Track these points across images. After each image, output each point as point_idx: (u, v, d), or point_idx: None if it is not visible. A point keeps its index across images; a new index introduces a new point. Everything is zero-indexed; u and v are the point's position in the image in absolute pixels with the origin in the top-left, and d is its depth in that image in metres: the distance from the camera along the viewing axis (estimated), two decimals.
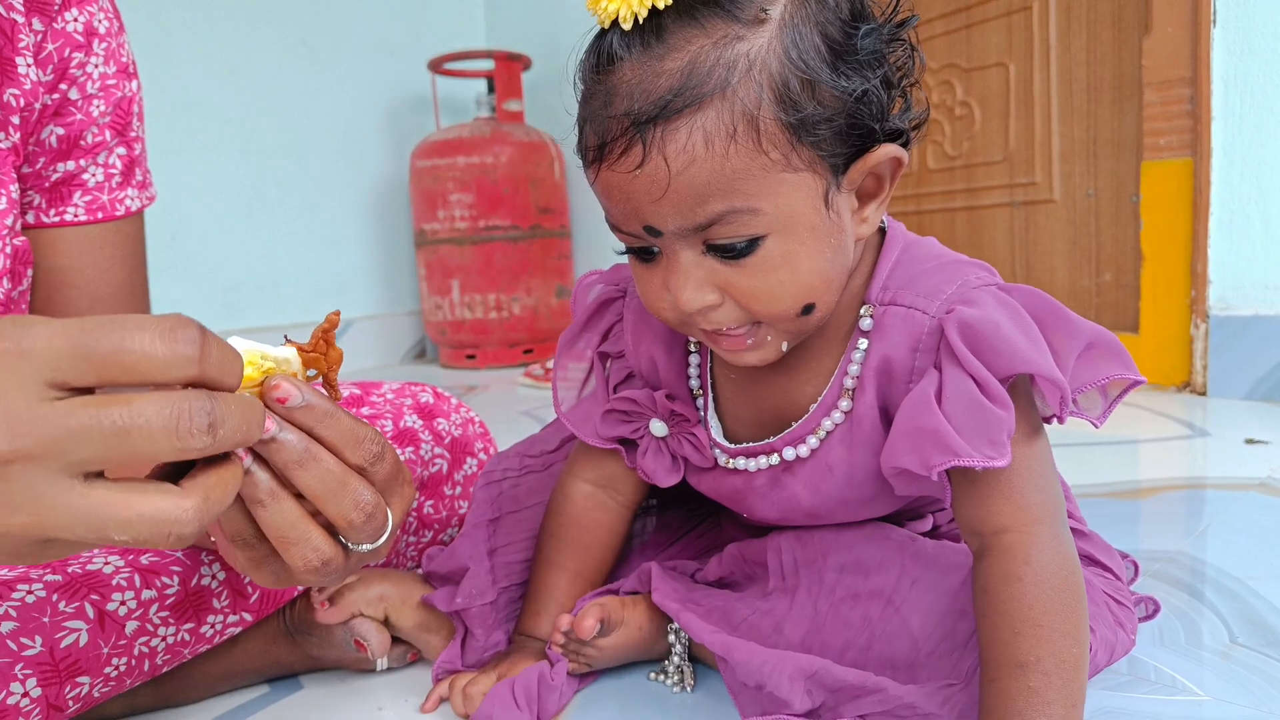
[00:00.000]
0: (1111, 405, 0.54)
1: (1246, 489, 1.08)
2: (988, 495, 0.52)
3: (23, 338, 0.31)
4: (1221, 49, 1.57)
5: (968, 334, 0.51)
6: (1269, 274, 1.58)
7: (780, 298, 0.50)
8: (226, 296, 2.42)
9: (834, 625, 0.59)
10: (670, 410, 0.63)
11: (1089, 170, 1.88)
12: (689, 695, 0.65)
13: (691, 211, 0.48)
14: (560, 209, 2.59)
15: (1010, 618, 0.50)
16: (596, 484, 0.69)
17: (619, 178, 0.49)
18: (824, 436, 0.58)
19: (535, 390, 2.14)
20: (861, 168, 0.51)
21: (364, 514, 0.41)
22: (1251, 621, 0.73)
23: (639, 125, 0.47)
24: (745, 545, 0.67)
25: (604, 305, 0.67)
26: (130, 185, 0.70)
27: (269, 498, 0.39)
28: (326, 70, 2.59)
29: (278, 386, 0.39)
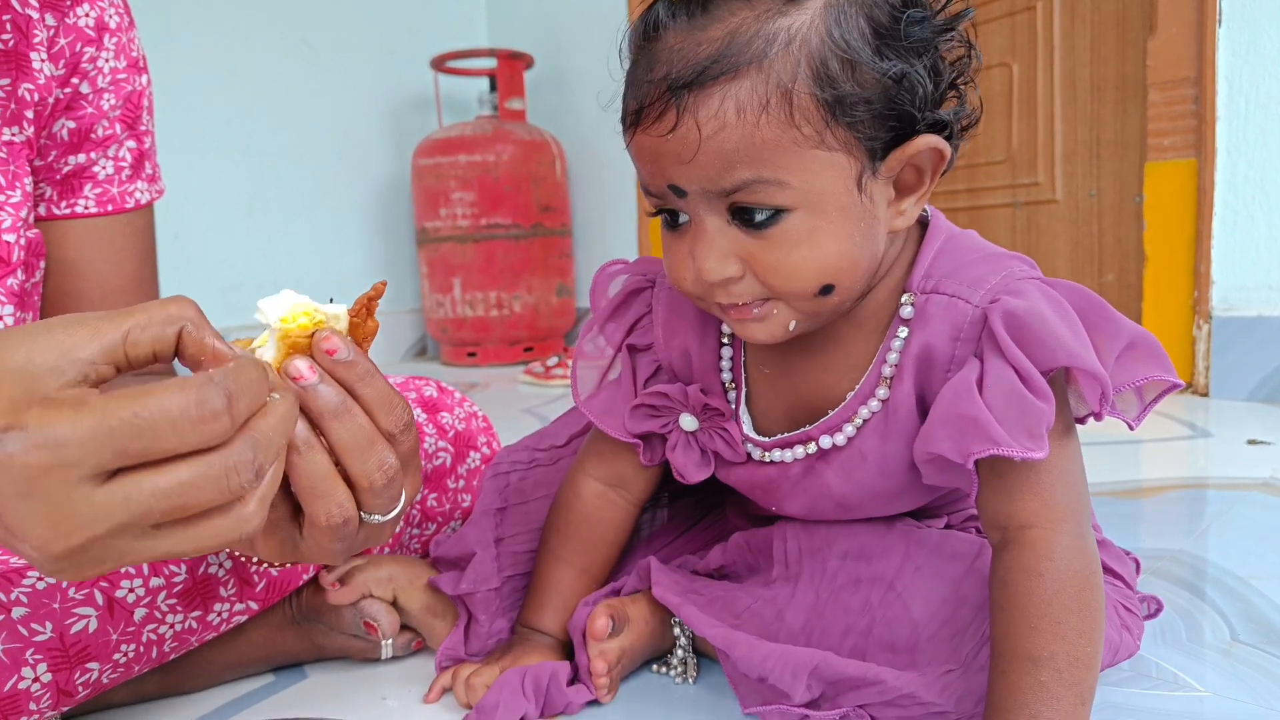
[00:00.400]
0: (1148, 407, 0.53)
1: (1249, 489, 1.08)
2: (1016, 489, 0.51)
3: (49, 436, 0.32)
4: (1226, 49, 1.57)
5: (1012, 324, 0.50)
6: (1272, 275, 1.58)
7: (801, 274, 0.50)
8: (227, 296, 2.42)
9: (834, 611, 0.59)
10: (703, 404, 0.62)
11: (1092, 171, 1.89)
12: (690, 686, 0.65)
13: (718, 176, 0.48)
14: (562, 208, 2.59)
15: (1027, 612, 0.49)
16: (607, 482, 0.69)
17: (652, 141, 0.50)
18: (860, 425, 0.58)
19: (536, 388, 2.14)
20: (900, 156, 0.50)
21: (386, 477, 0.42)
22: (1253, 619, 0.73)
23: (674, 90, 0.47)
24: (751, 534, 0.67)
25: (632, 295, 0.66)
26: (140, 178, 0.70)
27: (304, 446, 0.40)
28: (328, 69, 2.59)
29: (329, 338, 0.41)
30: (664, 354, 0.65)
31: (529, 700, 0.60)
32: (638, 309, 0.66)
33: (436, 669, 0.68)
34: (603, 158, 2.65)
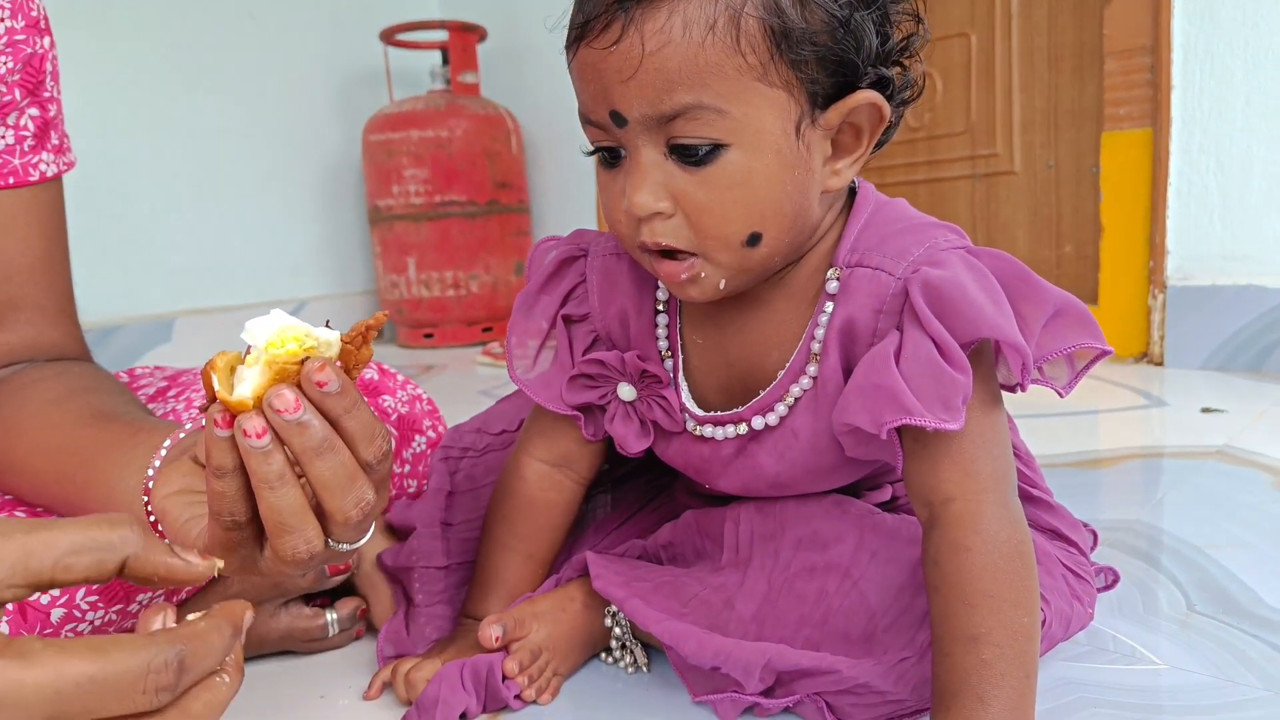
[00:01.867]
0: (1079, 375, 0.52)
1: (1204, 457, 1.08)
2: (938, 461, 0.50)
3: None
4: (1182, 17, 1.56)
5: (931, 295, 0.49)
6: (1226, 245, 1.58)
7: (729, 216, 0.49)
8: (176, 279, 2.34)
9: (788, 600, 0.57)
10: (641, 371, 0.60)
11: (1049, 141, 1.88)
12: (642, 675, 0.63)
13: (658, 98, 0.47)
14: (519, 184, 2.54)
15: (960, 589, 0.48)
16: (552, 462, 0.66)
17: (594, 55, 0.48)
18: (791, 404, 0.56)
19: (494, 369, 2.11)
20: (840, 109, 0.49)
21: (362, 513, 0.41)
22: (1208, 589, 0.72)
23: (623, 2, 0.46)
24: (703, 514, 0.65)
25: (564, 265, 0.64)
26: (45, 149, 0.66)
27: (279, 481, 0.39)
28: (274, 43, 2.51)
29: (322, 369, 0.39)
30: (600, 322, 0.63)
31: (469, 694, 0.57)
32: (571, 279, 0.63)
33: (378, 660, 0.65)
34: (560, 132, 2.60)
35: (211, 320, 2.39)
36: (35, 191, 0.65)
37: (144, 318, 2.27)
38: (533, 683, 0.59)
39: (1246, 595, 0.70)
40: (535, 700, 0.59)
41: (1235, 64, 1.52)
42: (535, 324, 0.63)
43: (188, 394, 0.74)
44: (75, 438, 0.56)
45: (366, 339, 0.41)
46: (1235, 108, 1.54)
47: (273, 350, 0.39)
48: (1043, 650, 0.56)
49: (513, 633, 0.60)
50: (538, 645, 0.60)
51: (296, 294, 2.60)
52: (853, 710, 0.54)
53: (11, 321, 0.65)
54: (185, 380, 0.77)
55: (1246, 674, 0.59)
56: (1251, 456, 1.07)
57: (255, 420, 0.38)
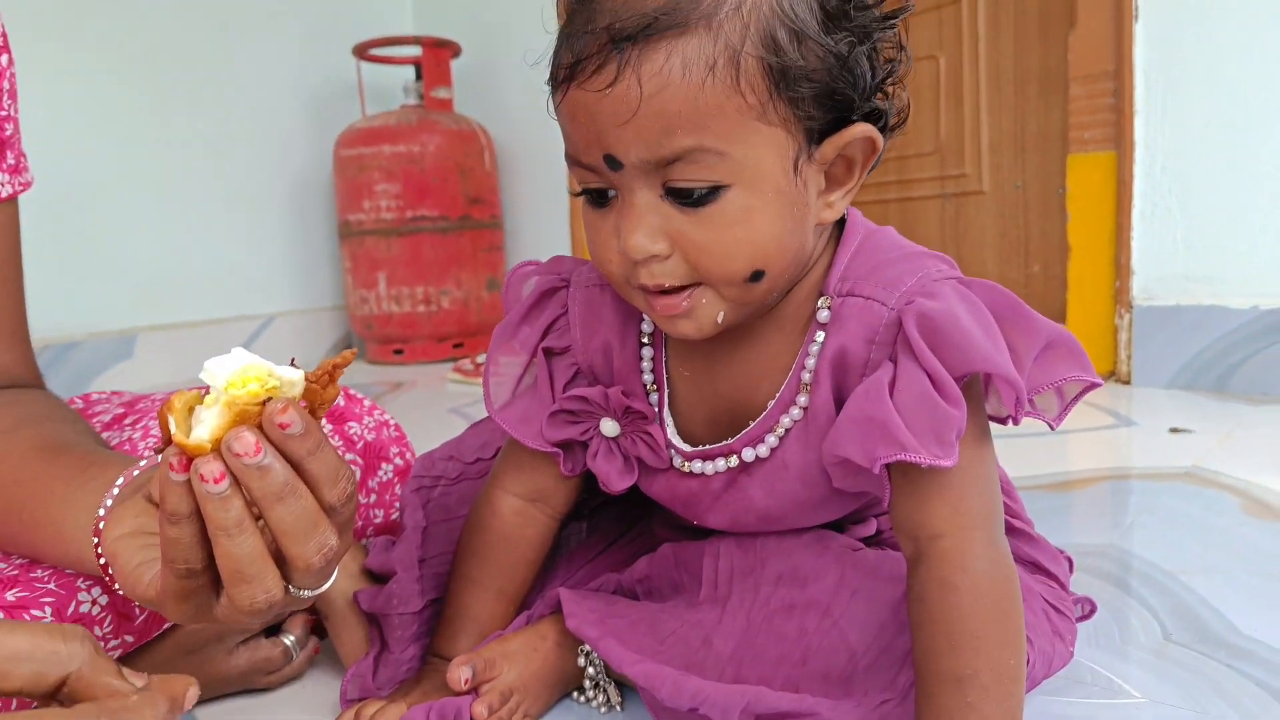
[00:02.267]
0: (1068, 406, 0.52)
1: (1172, 479, 1.09)
2: (928, 497, 0.50)
3: None
4: (1143, 43, 1.59)
5: (925, 327, 0.49)
6: (1189, 265, 1.61)
7: (733, 255, 0.48)
8: (137, 293, 2.30)
9: (767, 638, 0.56)
10: (625, 406, 0.59)
11: (1017, 163, 1.91)
12: (617, 715, 0.62)
13: (657, 142, 0.46)
14: (491, 199, 2.53)
15: (947, 628, 0.48)
16: (526, 498, 0.65)
17: (587, 97, 0.46)
18: (782, 435, 0.55)
19: (465, 386, 2.09)
20: (836, 142, 0.49)
21: (325, 559, 0.40)
22: (1183, 617, 0.72)
23: (617, 42, 0.45)
24: (681, 548, 0.64)
25: (545, 296, 0.62)
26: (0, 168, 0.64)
27: (237, 529, 0.37)
28: (245, 56, 2.48)
29: (285, 411, 0.37)
30: (583, 355, 0.61)
31: None
32: (552, 310, 0.62)
33: (341, 702, 0.63)
34: (534, 148, 2.60)
35: (176, 336, 2.35)
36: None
37: (106, 333, 2.23)
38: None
39: (1221, 623, 0.71)
40: None
41: (1195, 89, 1.55)
42: (515, 356, 0.62)
43: (145, 421, 0.71)
44: (24, 471, 0.54)
45: (333, 377, 0.40)
46: (1195, 132, 1.57)
47: (233, 391, 0.37)
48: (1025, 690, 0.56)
49: (483, 674, 0.58)
50: (508, 687, 0.59)
51: (264, 309, 2.56)
52: None
53: None
54: (143, 407, 0.75)
55: (1224, 706, 0.59)
56: (1219, 478, 1.08)
57: (213, 464, 0.37)
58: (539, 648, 0.61)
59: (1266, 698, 0.60)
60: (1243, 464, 1.13)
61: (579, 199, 0.52)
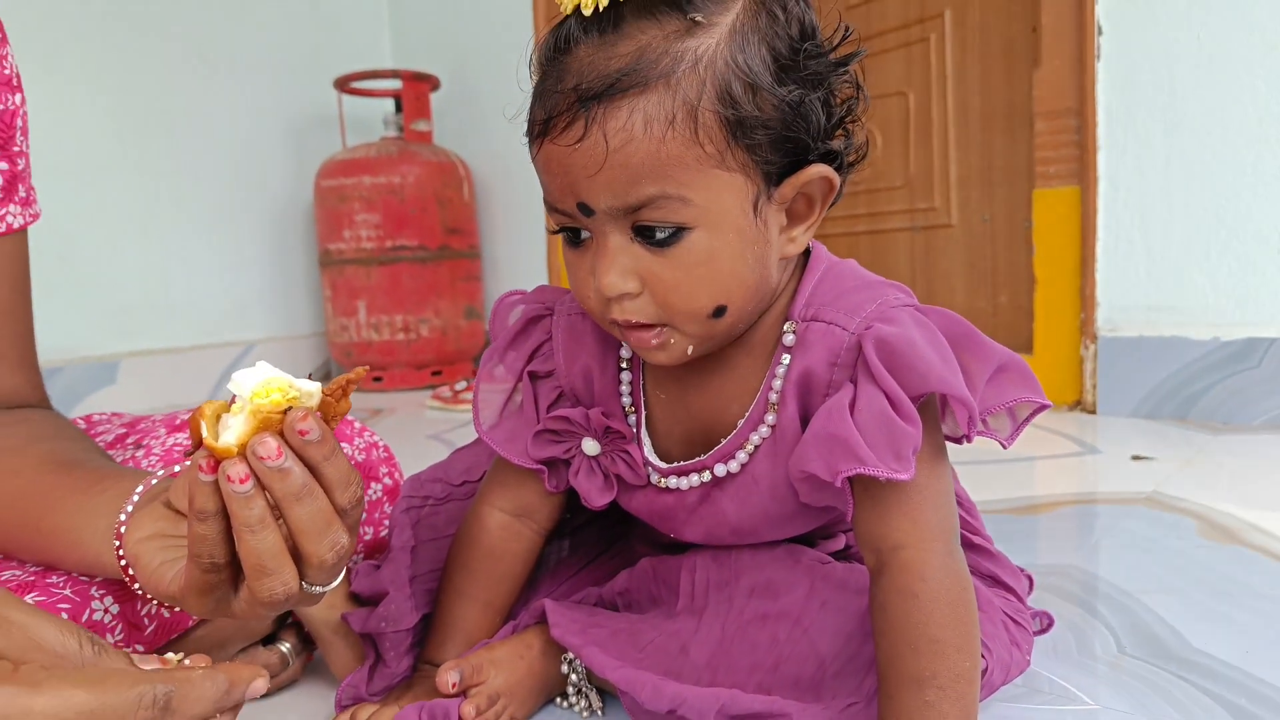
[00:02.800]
0: (1020, 427, 0.55)
1: (1134, 504, 1.13)
2: (888, 510, 0.53)
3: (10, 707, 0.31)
4: (1105, 82, 1.65)
5: (883, 351, 0.52)
6: (1151, 297, 1.66)
7: (696, 294, 0.51)
8: (120, 319, 2.30)
9: (741, 647, 0.59)
10: (605, 427, 0.62)
11: (985, 196, 1.96)
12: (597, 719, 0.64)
13: (624, 191, 0.49)
14: (469, 229, 2.56)
15: (907, 634, 0.50)
16: (513, 513, 0.67)
17: (559, 151, 0.50)
18: (751, 451, 0.59)
19: (444, 413, 2.10)
20: (794, 183, 0.52)
21: (337, 556, 0.43)
22: (1139, 633, 0.75)
23: (584, 101, 0.48)
24: (659, 562, 0.67)
25: (531, 323, 0.66)
26: (12, 202, 0.66)
27: (259, 525, 0.41)
28: (225, 86, 2.51)
29: (305, 419, 0.41)
30: (565, 379, 0.65)
31: None
32: (537, 336, 0.65)
33: (336, 707, 0.65)
34: (512, 179, 2.64)
35: (157, 362, 2.35)
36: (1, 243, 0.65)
37: (88, 359, 2.22)
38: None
39: (1174, 639, 0.74)
40: None
41: (1155, 127, 1.62)
42: (501, 379, 0.65)
43: (146, 440, 0.73)
44: (37, 485, 0.56)
45: (346, 392, 0.43)
46: (1156, 168, 1.63)
47: (257, 400, 0.41)
48: (983, 696, 0.58)
49: (470, 678, 0.60)
50: (495, 690, 0.61)
51: (244, 336, 2.57)
52: None
53: None
54: (144, 427, 0.76)
55: (1173, 713, 0.62)
56: (1178, 503, 1.12)
57: (239, 466, 0.40)
58: (524, 655, 0.63)
59: (1214, 705, 0.62)
60: (1201, 490, 1.17)
61: (557, 235, 0.56)
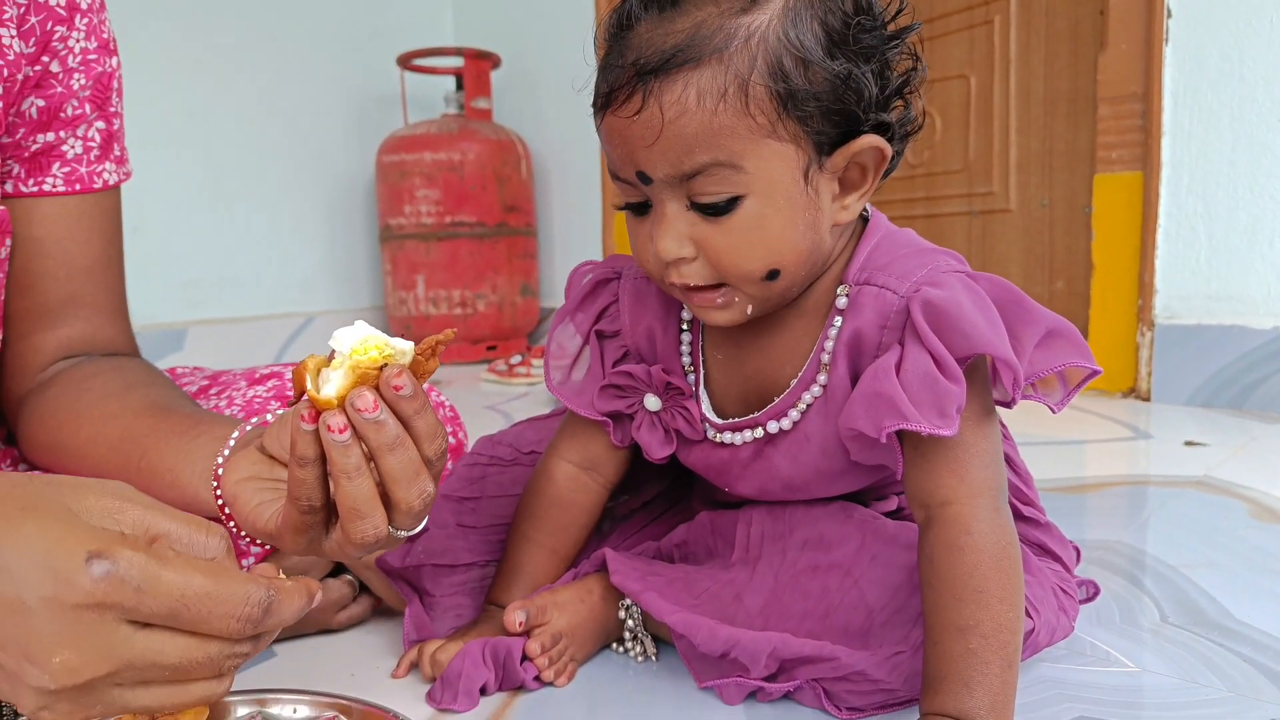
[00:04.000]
0: (1070, 393, 0.57)
1: (1185, 486, 1.13)
2: (935, 466, 0.55)
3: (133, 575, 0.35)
4: (1173, 67, 1.63)
5: (930, 313, 0.54)
6: (1212, 285, 1.64)
7: (749, 258, 0.54)
8: (187, 291, 2.40)
9: (792, 595, 0.61)
10: (665, 383, 0.65)
11: (1044, 181, 1.94)
12: (650, 664, 0.67)
13: (679, 160, 0.52)
14: (527, 207, 2.60)
15: (952, 585, 0.53)
16: (580, 465, 0.71)
17: (619, 122, 0.54)
18: (804, 410, 0.61)
19: (499, 386, 2.15)
20: (845, 153, 0.54)
21: (424, 503, 0.46)
22: (1182, 603, 0.77)
23: (641, 75, 0.52)
24: (717, 516, 0.70)
25: (599, 285, 0.70)
26: (108, 159, 0.71)
27: (356, 472, 0.44)
28: (293, 65, 2.58)
29: (400, 374, 0.44)
30: (630, 338, 0.68)
31: (489, 669, 0.62)
32: (604, 298, 0.69)
33: (404, 644, 0.69)
34: (569, 158, 2.67)
35: (222, 330, 2.44)
36: (98, 198, 0.70)
37: (158, 326, 2.32)
38: (552, 665, 0.63)
39: (1216, 609, 0.75)
40: (553, 682, 0.64)
41: (1222, 112, 1.59)
42: (571, 338, 0.69)
43: (229, 392, 0.78)
44: (135, 428, 0.61)
45: (435, 351, 0.46)
46: (1222, 154, 1.60)
47: (356, 356, 0.44)
48: (1026, 655, 0.61)
49: (535, 619, 0.64)
50: (559, 631, 0.64)
51: (305, 308, 2.65)
52: (847, 696, 0.58)
53: (71, 318, 0.70)
54: (225, 379, 0.81)
55: (1212, 677, 0.63)
56: (1230, 487, 1.12)
57: (338, 417, 0.43)
58: (585, 600, 0.67)
59: (1253, 671, 0.64)
60: (1253, 475, 1.16)
61: (621, 212, 0.60)
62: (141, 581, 0.34)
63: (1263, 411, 1.57)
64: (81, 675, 0.35)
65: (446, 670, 0.62)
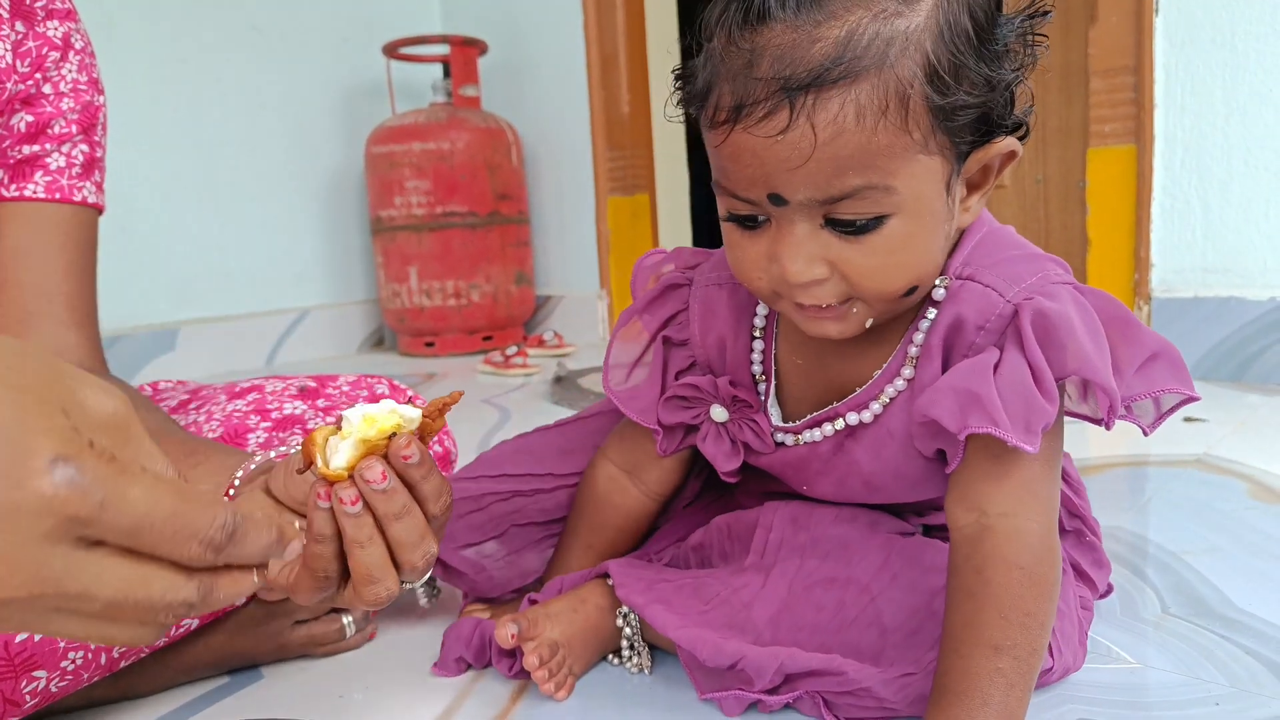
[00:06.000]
0: (1163, 416, 0.56)
1: (1184, 466, 1.12)
2: (1006, 475, 0.53)
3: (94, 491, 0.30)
4: (1163, 38, 1.61)
5: (1039, 324, 0.51)
6: (1207, 258, 1.63)
7: (894, 278, 0.51)
8: (178, 287, 2.38)
9: (805, 606, 0.60)
10: (732, 396, 0.63)
11: (1038, 157, 1.93)
12: (646, 677, 0.67)
13: (827, 183, 0.47)
14: (519, 195, 2.58)
15: (1001, 602, 0.50)
16: (622, 467, 0.71)
17: (756, 141, 0.48)
18: (886, 403, 0.59)
19: (495, 377, 2.14)
20: (981, 157, 0.51)
21: (427, 563, 0.48)
22: (1182, 593, 0.76)
23: (790, 91, 0.46)
24: (735, 518, 0.68)
25: (669, 290, 0.67)
26: (89, 180, 0.71)
27: (368, 541, 0.45)
28: (277, 56, 2.55)
29: (408, 444, 0.45)
30: (700, 349, 0.66)
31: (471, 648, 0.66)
32: (673, 305, 0.67)
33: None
34: (559, 144, 2.65)
35: (215, 329, 2.42)
36: (76, 211, 0.70)
37: (148, 327, 2.31)
38: (551, 677, 0.63)
39: (1217, 598, 0.74)
40: (553, 695, 0.63)
41: (1214, 84, 1.57)
42: (633, 339, 0.68)
43: (208, 406, 0.77)
44: None
45: (442, 412, 0.47)
46: (1215, 125, 1.58)
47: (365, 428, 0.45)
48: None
49: (527, 632, 0.63)
50: (555, 642, 0.64)
51: (298, 303, 2.63)
52: (849, 709, 0.57)
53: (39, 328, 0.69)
54: (205, 394, 0.81)
55: (1214, 672, 0.63)
56: (1229, 465, 1.11)
57: (350, 490, 0.44)
58: (579, 610, 0.66)
59: (1255, 665, 0.63)
60: (1253, 452, 1.16)
61: (734, 229, 0.54)
62: (106, 495, 0.30)
63: (1261, 384, 1.57)
64: (12, 593, 0.30)
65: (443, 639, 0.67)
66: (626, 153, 2.52)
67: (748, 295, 0.63)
